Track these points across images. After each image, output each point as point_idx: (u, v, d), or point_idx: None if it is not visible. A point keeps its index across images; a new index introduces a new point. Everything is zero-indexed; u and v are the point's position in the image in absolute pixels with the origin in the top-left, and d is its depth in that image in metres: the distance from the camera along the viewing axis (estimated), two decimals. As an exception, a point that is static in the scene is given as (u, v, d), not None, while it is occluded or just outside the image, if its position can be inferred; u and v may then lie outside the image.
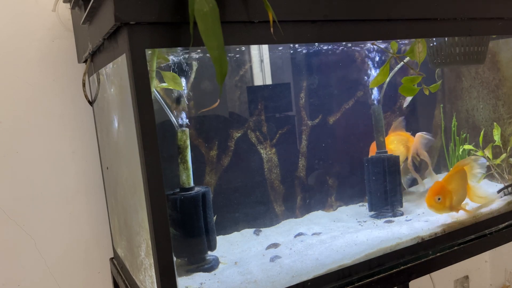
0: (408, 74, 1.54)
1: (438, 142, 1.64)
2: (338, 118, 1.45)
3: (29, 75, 1.24)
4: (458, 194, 1.21)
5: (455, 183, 1.21)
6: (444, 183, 1.21)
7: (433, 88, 1.22)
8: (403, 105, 1.46)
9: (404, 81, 1.19)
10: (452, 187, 1.20)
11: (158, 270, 0.80)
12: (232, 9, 0.80)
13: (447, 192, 1.20)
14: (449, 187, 1.20)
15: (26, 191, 1.25)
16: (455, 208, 1.21)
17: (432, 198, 1.19)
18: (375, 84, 1.27)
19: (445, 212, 1.21)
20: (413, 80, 1.18)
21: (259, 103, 1.33)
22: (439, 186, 1.21)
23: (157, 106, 1.04)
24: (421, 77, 1.18)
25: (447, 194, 1.20)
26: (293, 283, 0.96)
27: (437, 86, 1.22)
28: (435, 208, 1.20)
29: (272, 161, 1.36)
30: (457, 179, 1.23)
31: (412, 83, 1.18)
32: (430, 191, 1.20)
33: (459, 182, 1.23)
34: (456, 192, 1.21)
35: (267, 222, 1.34)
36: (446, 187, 1.20)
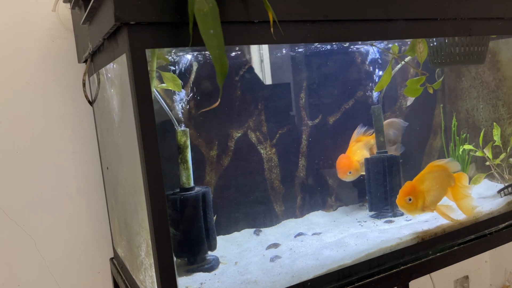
0: (407, 74, 1.54)
1: (438, 142, 1.64)
2: (338, 118, 1.45)
3: (29, 75, 1.24)
4: (431, 194, 1.17)
5: (428, 183, 1.17)
6: (415, 183, 1.17)
7: (436, 86, 1.23)
8: (406, 104, 1.46)
9: (409, 83, 1.21)
10: (424, 187, 1.17)
11: (158, 270, 0.80)
12: (232, 9, 0.80)
13: (418, 193, 1.16)
14: (420, 187, 1.16)
15: (26, 191, 1.25)
16: (429, 209, 1.17)
17: (402, 198, 1.16)
18: (380, 87, 1.28)
19: (417, 213, 1.17)
20: (418, 81, 1.19)
21: (259, 103, 1.33)
22: (410, 186, 1.17)
23: (157, 106, 1.04)
24: (425, 77, 1.19)
25: (419, 195, 1.16)
26: (293, 283, 0.96)
27: (439, 83, 1.24)
28: (407, 209, 1.17)
29: (272, 161, 1.36)
30: (430, 178, 1.18)
31: (417, 84, 1.19)
32: (401, 192, 1.17)
33: (432, 182, 1.18)
34: (428, 192, 1.17)
35: (267, 222, 1.34)
36: (417, 187, 1.16)
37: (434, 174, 1.19)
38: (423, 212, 1.18)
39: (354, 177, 1.37)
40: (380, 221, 1.28)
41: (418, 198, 1.16)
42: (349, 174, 1.35)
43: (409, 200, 1.15)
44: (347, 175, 1.35)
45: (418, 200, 1.16)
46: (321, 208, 1.43)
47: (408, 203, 1.16)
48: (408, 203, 1.16)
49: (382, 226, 1.23)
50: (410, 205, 1.16)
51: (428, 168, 1.20)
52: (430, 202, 1.17)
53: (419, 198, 1.16)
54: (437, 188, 1.18)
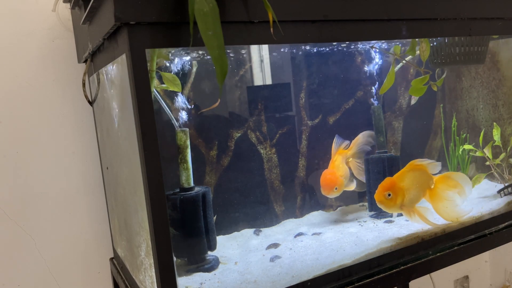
0: (407, 74, 1.54)
1: (438, 142, 1.64)
2: (338, 118, 1.45)
3: (29, 75, 1.24)
4: (410, 193, 1.14)
5: (408, 181, 1.14)
6: (396, 180, 1.15)
7: (438, 83, 1.25)
8: (411, 103, 1.45)
9: (414, 82, 1.21)
10: (404, 185, 1.14)
11: (158, 270, 0.80)
12: (232, 9, 0.80)
13: (398, 189, 1.13)
14: (400, 184, 1.14)
15: (26, 191, 1.25)
16: (407, 208, 1.14)
17: (381, 193, 1.13)
18: (385, 90, 1.28)
19: (395, 210, 1.15)
20: (422, 80, 1.20)
21: (259, 103, 1.33)
22: (389, 182, 1.14)
23: (157, 106, 1.04)
24: (428, 75, 1.20)
25: (398, 191, 1.13)
26: (293, 283, 0.96)
27: (441, 80, 1.26)
28: (385, 205, 1.14)
29: (272, 161, 1.36)
30: (410, 177, 1.15)
31: (422, 83, 1.19)
32: (380, 187, 1.14)
33: (413, 181, 1.15)
34: (408, 190, 1.14)
35: (267, 222, 1.34)
36: (397, 184, 1.14)
37: (414, 173, 1.16)
38: (401, 210, 1.15)
39: (339, 193, 1.31)
40: (380, 221, 1.28)
41: (398, 195, 1.13)
42: (335, 190, 1.30)
43: (388, 196, 1.13)
44: (333, 191, 1.30)
45: (397, 196, 1.13)
46: (321, 208, 1.43)
47: (387, 198, 1.13)
48: (387, 198, 1.13)
49: (382, 226, 1.23)
50: (389, 200, 1.13)
51: (408, 167, 1.17)
52: (409, 201, 1.14)
53: (398, 195, 1.13)
54: (416, 188, 1.16)
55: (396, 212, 1.17)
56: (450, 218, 1.17)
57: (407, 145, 1.58)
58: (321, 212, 1.42)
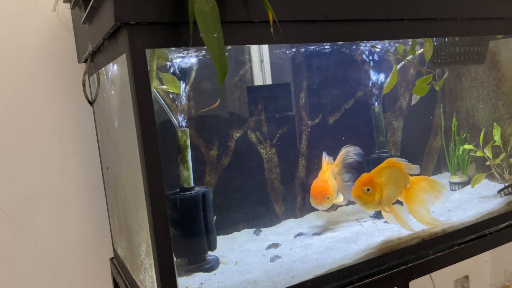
0: (407, 74, 1.54)
1: (438, 142, 1.64)
2: (338, 118, 1.45)
3: (29, 75, 1.24)
4: (388, 189, 1.10)
5: (386, 178, 1.10)
6: (374, 175, 1.10)
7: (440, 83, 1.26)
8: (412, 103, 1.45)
9: (418, 82, 1.22)
10: (382, 181, 1.09)
11: (158, 270, 0.80)
12: (232, 9, 0.80)
13: (376, 185, 1.09)
14: (378, 180, 1.09)
15: (26, 191, 1.25)
16: (383, 206, 1.10)
17: (359, 188, 1.08)
18: (388, 89, 1.28)
19: (372, 207, 1.11)
20: (426, 80, 1.20)
21: (259, 103, 1.33)
22: (368, 177, 1.10)
23: (157, 106, 1.04)
24: (431, 75, 1.20)
25: (377, 187, 1.09)
26: (293, 283, 0.96)
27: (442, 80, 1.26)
28: (363, 200, 1.08)
29: (272, 161, 1.36)
30: (388, 173, 1.11)
31: (425, 82, 1.20)
32: (358, 182, 1.09)
33: (390, 178, 1.11)
34: (386, 187, 1.10)
35: (267, 222, 1.34)
36: (375, 179, 1.09)
37: (391, 170, 1.12)
38: (378, 208, 1.11)
39: (330, 203, 1.24)
40: (380, 221, 1.28)
41: (376, 191, 1.08)
42: (327, 200, 1.22)
43: (367, 190, 1.08)
44: (325, 201, 1.22)
45: (375, 192, 1.08)
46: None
47: (365, 193, 1.08)
48: (365, 193, 1.08)
49: (382, 226, 1.23)
50: (368, 196, 1.08)
51: (386, 163, 1.13)
52: (386, 198, 1.10)
53: (376, 191, 1.08)
54: (393, 185, 1.11)
55: (374, 209, 1.13)
56: (423, 221, 1.14)
57: (407, 145, 1.58)
58: (321, 212, 1.41)
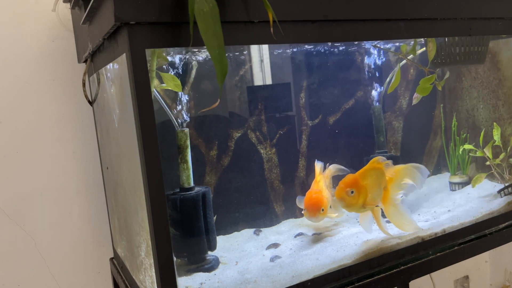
0: (407, 74, 1.54)
1: (438, 142, 1.64)
2: (338, 118, 1.45)
3: (29, 75, 1.24)
4: (372, 192, 1.06)
5: (371, 180, 1.06)
6: (358, 177, 1.06)
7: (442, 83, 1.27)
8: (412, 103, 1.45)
9: (422, 82, 1.22)
10: (367, 183, 1.05)
11: (158, 270, 0.80)
12: (232, 9, 0.80)
13: (361, 187, 1.04)
14: (363, 182, 1.05)
15: (26, 191, 1.25)
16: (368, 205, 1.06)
17: (343, 190, 1.04)
18: (392, 89, 1.28)
19: (356, 210, 1.07)
20: (429, 80, 1.21)
21: (259, 103, 1.33)
22: (352, 179, 1.05)
23: (157, 106, 1.04)
24: (435, 75, 1.21)
25: (361, 189, 1.04)
26: (293, 283, 0.96)
27: (443, 81, 1.27)
28: (346, 202, 1.04)
29: (272, 161, 1.36)
30: (373, 176, 1.07)
31: (428, 82, 1.21)
32: (342, 183, 1.05)
33: (375, 180, 1.07)
34: (371, 189, 1.05)
35: (267, 222, 1.34)
36: (360, 181, 1.05)
37: (376, 172, 1.08)
38: (361, 211, 1.08)
39: (324, 216, 1.18)
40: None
41: (360, 193, 1.04)
42: (322, 211, 1.17)
43: (351, 193, 1.03)
44: (320, 213, 1.17)
45: (360, 195, 1.04)
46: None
47: (349, 195, 1.03)
48: (349, 195, 1.03)
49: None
50: (352, 198, 1.03)
51: (370, 164, 1.09)
52: (371, 201, 1.06)
53: (361, 193, 1.04)
54: (377, 188, 1.08)
55: (357, 212, 1.09)
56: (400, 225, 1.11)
57: (407, 145, 1.58)
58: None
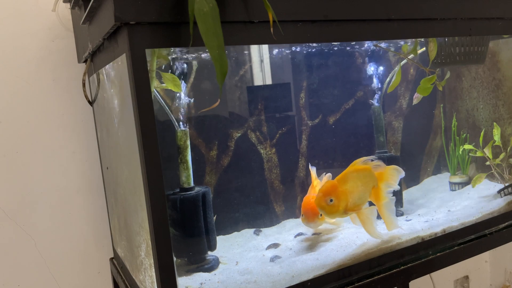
0: (407, 74, 1.54)
1: (438, 142, 1.64)
2: (338, 118, 1.45)
3: (29, 75, 1.24)
4: (354, 196, 1.04)
5: (352, 183, 1.04)
6: (338, 183, 1.03)
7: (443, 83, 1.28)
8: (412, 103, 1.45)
9: (422, 82, 1.23)
10: (348, 188, 1.03)
11: (158, 270, 0.80)
12: (232, 9, 0.80)
13: (341, 193, 1.02)
14: (343, 187, 1.02)
15: (26, 191, 1.25)
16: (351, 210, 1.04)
17: (322, 199, 1.02)
18: (393, 88, 1.28)
19: (338, 216, 1.05)
20: (430, 80, 1.21)
21: (259, 103, 1.33)
22: (331, 186, 1.03)
23: (157, 106, 1.04)
24: (435, 75, 1.22)
25: (341, 196, 1.02)
26: (293, 283, 0.96)
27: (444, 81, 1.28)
28: (326, 211, 1.03)
29: (272, 161, 1.36)
30: (354, 178, 1.04)
31: (429, 82, 1.21)
32: (321, 191, 1.03)
33: (357, 183, 1.05)
34: (352, 194, 1.03)
35: (267, 222, 1.34)
36: (339, 187, 1.02)
37: (358, 173, 1.06)
38: (345, 215, 1.06)
39: (323, 221, 1.17)
40: (380, 221, 1.28)
41: (340, 200, 1.02)
42: (320, 217, 1.15)
43: (330, 201, 1.01)
44: (318, 218, 1.15)
45: (340, 202, 1.02)
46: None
47: (329, 204, 1.01)
48: (329, 204, 1.01)
49: (382, 226, 1.23)
50: (331, 207, 1.02)
51: (352, 167, 1.07)
52: (353, 205, 1.04)
53: (341, 200, 1.02)
54: (361, 189, 1.05)
55: (340, 217, 1.07)
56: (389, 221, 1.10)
57: (407, 145, 1.58)
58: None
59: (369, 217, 1.07)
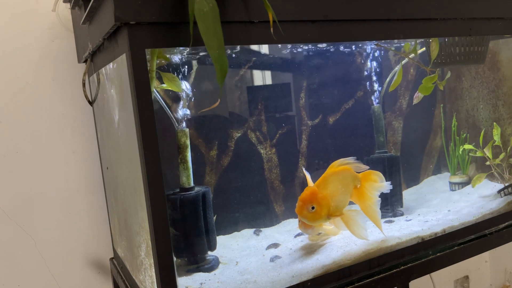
0: (407, 74, 1.54)
1: (438, 142, 1.64)
2: (338, 118, 1.45)
3: (29, 75, 1.24)
4: (336, 199, 1.01)
5: (333, 187, 1.01)
6: (318, 189, 1.01)
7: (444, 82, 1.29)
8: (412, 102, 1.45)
9: (424, 81, 1.23)
10: (329, 192, 1.00)
11: (158, 270, 0.80)
12: (232, 9, 0.80)
13: (322, 199, 0.99)
14: (324, 192, 1.00)
15: (26, 191, 1.25)
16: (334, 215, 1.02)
17: (303, 208, 0.99)
18: (394, 87, 1.29)
19: (322, 221, 1.02)
20: (432, 79, 1.22)
21: (259, 103, 1.33)
22: (311, 193, 1.00)
23: (157, 106, 1.04)
24: (437, 75, 1.23)
25: (322, 202, 0.99)
26: (293, 283, 0.96)
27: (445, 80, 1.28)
28: (309, 219, 1.00)
29: (272, 161, 1.36)
30: (334, 181, 1.02)
31: (431, 82, 1.22)
32: (301, 200, 1.00)
33: (337, 185, 1.02)
34: (334, 198, 1.01)
35: (267, 222, 1.34)
36: (320, 193, 1.00)
37: (338, 176, 1.03)
38: (328, 220, 1.03)
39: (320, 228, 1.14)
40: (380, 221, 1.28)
41: (322, 206, 0.99)
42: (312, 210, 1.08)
43: (312, 209, 0.98)
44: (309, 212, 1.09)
45: (322, 208, 0.99)
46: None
47: (310, 212, 0.98)
48: (310, 212, 0.98)
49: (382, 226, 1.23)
50: (314, 214, 0.98)
51: (330, 169, 1.04)
52: (335, 208, 1.01)
53: (323, 206, 0.99)
54: (342, 191, 1.03)
55: (324, 222, 1.04)
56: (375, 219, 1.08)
57: (407, 145, 1.58)
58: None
59: (353, 218, 1.04)
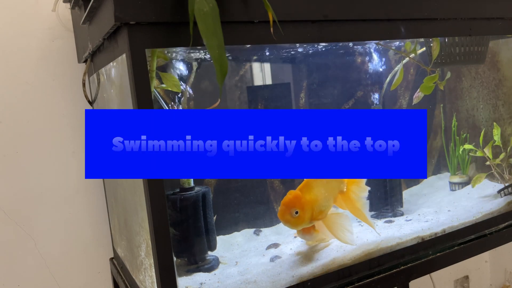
0: (407, 73, 1.54)
1: (438, 142, 1.64)
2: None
3: (29, 75, 1.24)
4: (320, 204, 1.00)
5: (316, 191, 1.00)
6: (301, 193, 0.99)
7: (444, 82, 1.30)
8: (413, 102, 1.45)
9: (425, 80, 1.24)
10: (312, 196, 0.99)
11: (158, 270, 0.80)
12: (232, 9, 0.80)
13: (305, 204, 0.98)
14: (307, 197, 0.98)
15: (26, 191, 1.25)
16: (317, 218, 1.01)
17: (286, 212, 0.97)
18: (395, 86, 1.29)
19: (305, 225, 1.01)
20: (432, 78, 1.22)
21: (259, 103, 1.33)
22: (294, 197, 0.98)
23: (157, 106, 1.04)
24: (438, 74, 1.23)
25: (305, 206, 0.98)
26: (293, 283, 0.96)
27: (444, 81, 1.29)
28: (291, 224, 0.98)
29: (272, 161, 1.35)
30: (318, 185, 1.01)
31: (432, 81, 1.22)
32: (283, 204, 0.98)
33: (321, 189, 1.01)
34: (317, 202, 1.00)
35: (267, 222, 1.34)
36: (303, 197, 0.98)
37: (322, 180, 1.02)
38: (310, 225, 1.02)
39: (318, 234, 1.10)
40: (380, 221, 1.28)
41: (305, 210, 0.97)
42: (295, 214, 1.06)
43: (295, 214, 0.96)
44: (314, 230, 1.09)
45: (305, 212, 0.97)
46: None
47: (294, 217, 0.96)
48: (294, 217, 0.96)
49: (382, 226, 1.23)
50: (297, 219, 0.97)
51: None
52: (319, 213, 1.00)
53: (306, 210, 0.97)
54: (326, 196, 1.02)
55: (307, 226, 1.02)
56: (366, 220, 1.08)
57: (407, 145, 1.58)
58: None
59: (336, 221, 1.03)
